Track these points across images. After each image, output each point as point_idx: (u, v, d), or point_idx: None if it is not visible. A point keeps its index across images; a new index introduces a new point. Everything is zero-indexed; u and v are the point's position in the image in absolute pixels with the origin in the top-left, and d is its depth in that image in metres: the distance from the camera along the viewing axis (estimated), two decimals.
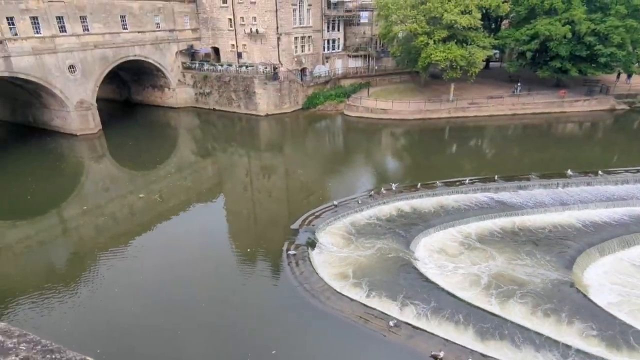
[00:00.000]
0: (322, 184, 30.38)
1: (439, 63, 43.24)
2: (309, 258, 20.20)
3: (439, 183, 27.51)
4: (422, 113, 45.30)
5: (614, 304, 17.56)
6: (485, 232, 22.96)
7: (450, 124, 44.40)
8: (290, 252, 20.52)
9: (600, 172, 28.85)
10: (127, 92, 56.00)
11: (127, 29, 44.14)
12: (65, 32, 38.28)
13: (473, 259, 20.53)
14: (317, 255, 20.67)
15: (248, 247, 22.13)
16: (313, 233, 22.22)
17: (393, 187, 27.02)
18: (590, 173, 28.90)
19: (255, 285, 19.25)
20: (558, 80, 49.88)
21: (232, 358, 15.22)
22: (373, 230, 22.75)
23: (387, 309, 16.83)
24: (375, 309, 16.82)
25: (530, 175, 28.72)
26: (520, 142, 40.65)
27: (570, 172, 28.72)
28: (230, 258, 21.50)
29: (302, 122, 47.19)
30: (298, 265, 19.63)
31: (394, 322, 15.92)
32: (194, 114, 50.75)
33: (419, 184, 27.40)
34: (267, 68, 47.71)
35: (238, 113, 48.63)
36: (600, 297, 18.03)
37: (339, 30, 56.19)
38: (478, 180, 28.18)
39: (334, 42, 55.98)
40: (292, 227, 23.21)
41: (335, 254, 20.88)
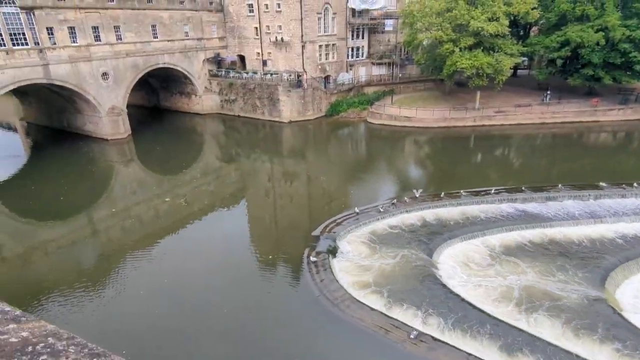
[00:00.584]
0: (344, 191, 30.33)
1: (465, 71, 42.64)
2: (330, 265, 20.14)
3: (464, 192, 26.97)
4: (446, 121, 44.67)
5: None
6: (512, 243, 22.29)
7: (476, 133, 43.57)
8: (312, 259, 20.53)
9: (636, 184, 27.59)
10: (155, 98, 57.82)
11: (157, 38, 45.69)
12: (100, 41, 40.00)
13: (499, 271, 19.94)
14: (337, 263, 20.58)
15: (269, 253, 22.27)
16: (334, 240, 22.16)
17: (416, 195, 26.69)
18: (625, 185, 27.70)
19: (276, 292, 19.31)
20: (590, 89, 48.22)
21: None
22: (395, 239, 22.47)
23: (408, 320, 16.52)
24: (396, 319, 16.53)
25: (560, 186, 27.76)
26: (549, 151, 39.42)
27: (603, 183, 27.60)
28: (252, 263, 21.67)
29: (325, 129, 47.38)
30: (319, 273, 19.59)
31: (415, 333, 15.61)
32: (219, 120, 51.82)
33: (443, 193, 26.95)
34: (291, 76, 48.29)
35: (262, 120, 49.33)
36: (636, 315, 17.15)
37: (364, 38, 56.34)
38: (504, 191, 27.45)
39: (358, 49, 56.14)
40: (313, 233, 23.23)
41: (357, 262, 20.73)
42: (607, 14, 41.62)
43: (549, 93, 47.81)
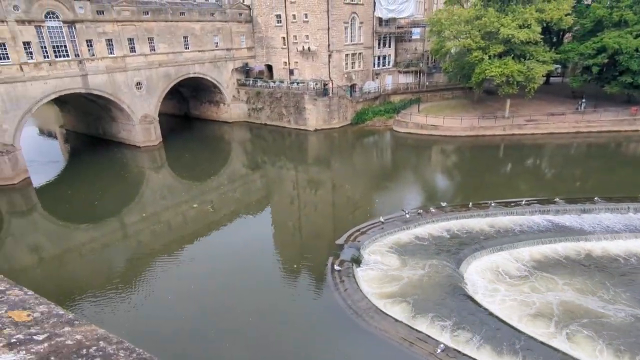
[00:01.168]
0: (368, 200, 30.13)
1: (494, 79, 41.72)
2: (354, 275, 19.97)
3: (493, 203, 26.22)
4: (474, 130, 43.76)
5: None
6: (545, 257, 21.45)
7: (505, 142, 42.43)
8: (335, 267, 20.43)
9: None
10: (185, 107, 59.60)
11: (188, 49, 47.24)
12: (135, 52, 41.76)
13: (532, 286, 19.20)
14: (362, 272, 20.40)
15: (293, 260, 22.34)
16: (358, 249, 21.98)
17: (443, 205, 26.17)
18: None
19: (299, 300, 19.33)
20: (629, 96, 46.12)
21: None
22: (421, 250, 22.08)
23: (433, 333, 16.11)
24: (421, 332, 16.16)
25: (596, 198, 26.54)
26: (584, 162, 37.86)
27: None
28: (276, 271, 21.80)
29: (350, 137, 47.39)
30: (342, 282, 19.46)
31: (442, 347, 15.21)
32: (246, 129, 52.78)
33: (471, 204, 26.30)
34: (317, 84, 48.71)
35: (288, 128, 49.89)
36: None
37: (390, 47, 56.25)
38: (536, 202, 26.53)
39: (385, 58, 56.06)
40: (337, 242, 23.14)
41: (381, 272, 20.46)
42: None
43: (584, 101, 46.05)
